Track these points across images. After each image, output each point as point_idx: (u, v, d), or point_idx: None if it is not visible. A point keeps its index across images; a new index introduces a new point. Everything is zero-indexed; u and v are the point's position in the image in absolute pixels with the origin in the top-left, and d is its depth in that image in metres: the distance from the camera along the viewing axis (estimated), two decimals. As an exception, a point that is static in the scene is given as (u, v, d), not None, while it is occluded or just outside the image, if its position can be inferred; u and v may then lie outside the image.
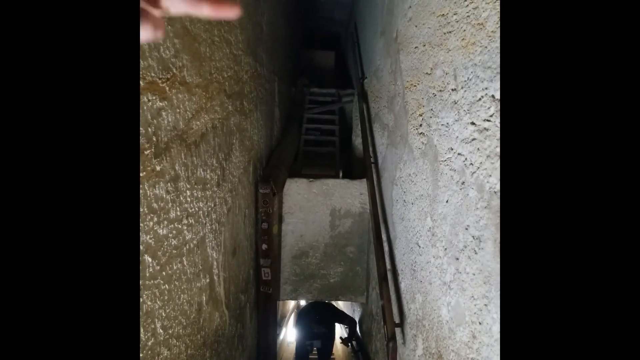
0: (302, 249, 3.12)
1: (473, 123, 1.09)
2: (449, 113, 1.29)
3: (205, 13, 0.23)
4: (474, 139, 1.09)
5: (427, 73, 1.54)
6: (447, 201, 1.31)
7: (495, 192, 0.96)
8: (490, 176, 0.99)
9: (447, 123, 1.31)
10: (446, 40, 1.32)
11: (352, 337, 3.46)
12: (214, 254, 1.68)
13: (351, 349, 3.60)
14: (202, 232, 1.51)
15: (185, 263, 1.32)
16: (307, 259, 3.12)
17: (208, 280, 1.59)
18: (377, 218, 2.37)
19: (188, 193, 1.34)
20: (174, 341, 1.23)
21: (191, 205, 1.37)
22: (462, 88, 1.17)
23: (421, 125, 1.63)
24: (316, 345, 3.37)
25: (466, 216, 1.14)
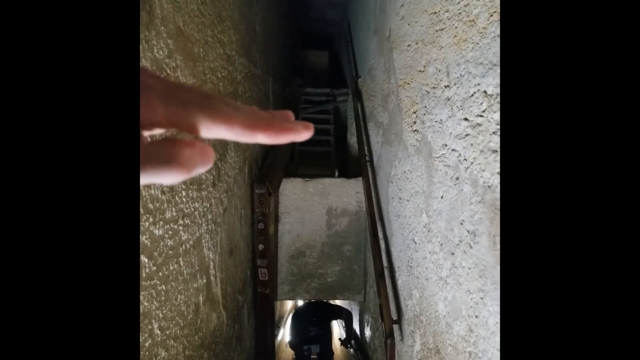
0: (299, 249, 3.11)
1: (466, 119, 1.10)
2: (443, 110, 1.30)
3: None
4: (468, 135, 1.09)
5: (420, 71, 1.55)
6: (442, 197, 1.32)
7: (489, 187, 0.97)
8: (484, 171, 1.00)
9: (441, 119, 1.32)
10: (438, 37, 1.33)
11: (351, 336, 3.46)
12: (211, 255, 1.68)
13: (350, 348, 3.59)
14: (198, 233, 1.51)
15: (181, 263, 1.31)
16: (304, 259, 3.12)
17: (205, 280, 1.59)
18: (374, 216, 2.38)
19: (183, 193, 1.33)
20: (172, 342, 1.23)
21: (187, 205, 1.37)
22: (455, 84, 1.18)
23: (415, 122, 1.64)
24: (315, 350, 3.30)
25: (461, 211, 1.15)
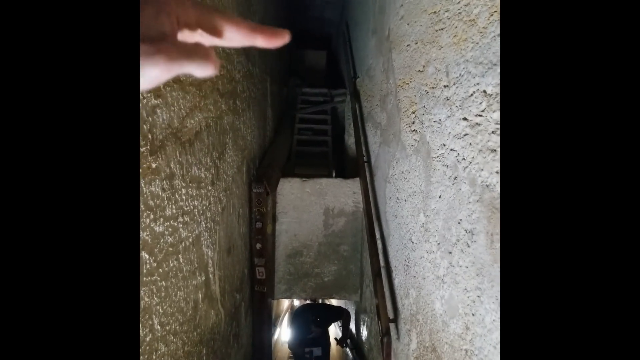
0: (296, 248, 3.12)
1: (465, 119, 1.12)
2: (442, 109, 1.31)
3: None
4: (466, 134, 1.11)
5: (420, 70, 1.57)
6: (440, 196, 1.33)
7: (487, 186, 0.98)
8: (482, 170, 1.01)
9: (440, 119, 1.33)
10: (438, 37, 1.35)
11: (347, 335, 3.46)
12: (209, 252, 1.68)
13: (346, 347, 3.60)
14: (198, 230, 1.51)
15: (181, 260, 1.32)
16: (301, 258, 3.12)
17: (204, 278, 1.59)
18: (371, 216, 2.39)
19: (183, 191, 1.34)
20: (171, 337, 1.23)
21: (186, 203, 1.38)
22: (454, 84, 1.19)
23: (414, 122, 1.65)
24: (316, 353, 3.25)
25: (459, 210, 1.16)
